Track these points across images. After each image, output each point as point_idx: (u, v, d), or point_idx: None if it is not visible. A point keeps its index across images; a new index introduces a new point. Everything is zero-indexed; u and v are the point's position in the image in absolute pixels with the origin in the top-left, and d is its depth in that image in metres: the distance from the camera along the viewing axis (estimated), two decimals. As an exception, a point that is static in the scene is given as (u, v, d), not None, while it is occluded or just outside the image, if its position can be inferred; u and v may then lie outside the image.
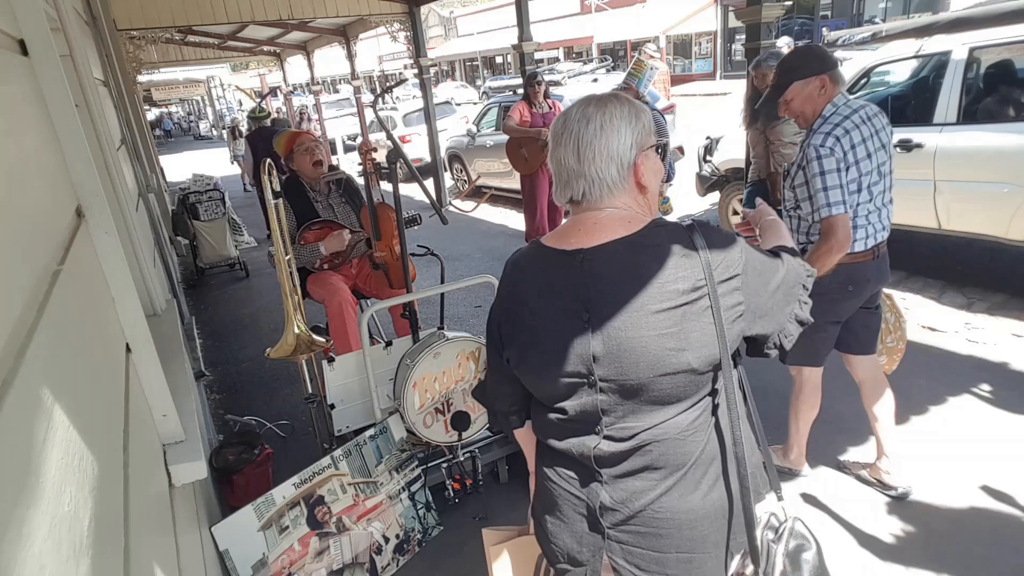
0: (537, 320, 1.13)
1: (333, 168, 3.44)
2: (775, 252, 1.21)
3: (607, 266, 1.07)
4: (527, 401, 1.29)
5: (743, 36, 5.09)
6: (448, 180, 9.49)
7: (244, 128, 12.64)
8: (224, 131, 21.20)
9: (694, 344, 1.04)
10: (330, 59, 25.47)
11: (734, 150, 5.12)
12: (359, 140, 9.02)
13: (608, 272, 1.07)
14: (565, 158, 1.11)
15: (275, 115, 13.82)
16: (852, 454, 2.70)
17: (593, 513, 1.16)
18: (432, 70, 11.92)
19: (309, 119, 11.64)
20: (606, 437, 1.11)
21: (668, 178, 4.93)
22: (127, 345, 1.43)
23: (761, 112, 3.86)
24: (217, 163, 16.64)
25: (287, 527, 2.16)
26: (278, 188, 2.46)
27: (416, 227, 3.08)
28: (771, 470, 1.25)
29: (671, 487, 1.11)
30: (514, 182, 7.08)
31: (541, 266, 1.15)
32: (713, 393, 1.13)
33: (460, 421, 2.52)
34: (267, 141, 7.94)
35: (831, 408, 2.73)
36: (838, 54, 3.23)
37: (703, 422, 1.12)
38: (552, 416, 1.18)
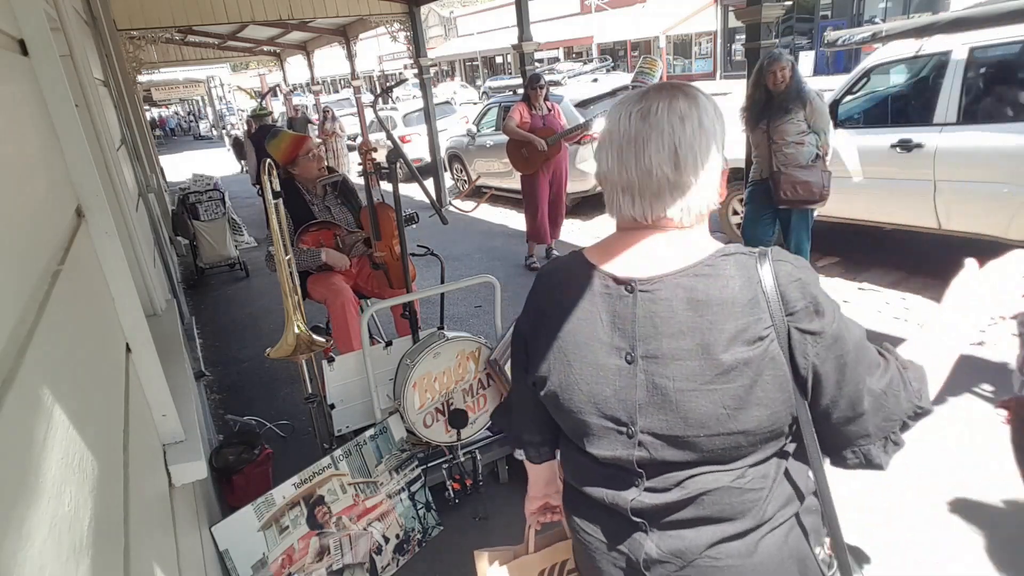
0: (573, 348, 0.97)
1: (331, 170, 3.46)
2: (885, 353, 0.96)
3: (662, 304, 0.90)
4: (557, 431, 1.13)
5: (743, 36, 5.09)
6: (448, 180, 9.49)
7: (236, 131, 11.97)
8: (228, 133, 20.63)
9: (753, 403, 0.87)
10: (330, 59, 25.46)
11: (734, 150, 5.12)
12: (359, 140, 9.01)
13: (662, 311, 0.90)
14: (658, 164, 0.87)
15: (292, 114, 13.47)
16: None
17: (635, 566, 0.98)
18: (432, 70, 11.86)
19: (334, 118, 11.23)
20: (647, 489, 0.95)
21: None
22: (127, 345, 1.43)
23: (768, 111, 3.85)
24: (217, 163, 16.65)
25: (287, 527, 2.17)
26: (279, 188, 2.46)
27: (414, 225, 3.08)
28: (831, 518, 1.00)
29: (732, 533, 0.93)
30: (514, 182, 7.07)
31: (584, 285, 0.98)
32: (782, 450, 0.96)
33: (458, 418, 2.52)
34: (269, 140, 7.93)
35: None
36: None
37: (765, 472, 0.94)
38: (581, 458, 1.02)
